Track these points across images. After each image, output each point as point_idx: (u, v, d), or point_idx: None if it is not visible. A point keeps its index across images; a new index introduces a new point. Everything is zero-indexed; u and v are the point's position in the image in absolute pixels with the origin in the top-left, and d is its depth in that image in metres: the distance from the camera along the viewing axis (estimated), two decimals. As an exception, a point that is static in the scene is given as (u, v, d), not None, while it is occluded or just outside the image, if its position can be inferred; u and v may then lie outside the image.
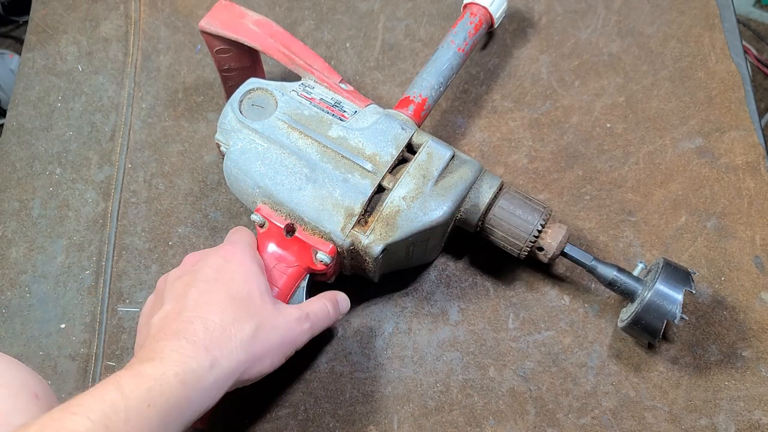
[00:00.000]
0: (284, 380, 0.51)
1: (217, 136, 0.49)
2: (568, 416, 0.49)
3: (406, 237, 0.46)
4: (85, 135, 0.63)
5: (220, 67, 0.56)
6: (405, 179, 0.47)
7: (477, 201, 0.48)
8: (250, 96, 0.50)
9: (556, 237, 0.48)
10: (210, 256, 0.44)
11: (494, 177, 0.50)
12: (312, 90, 0.50)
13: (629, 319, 0.46)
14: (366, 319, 0.53)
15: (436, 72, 0.54)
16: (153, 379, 0.35)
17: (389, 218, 0.46)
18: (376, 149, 0.48)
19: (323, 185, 0.46)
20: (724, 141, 0.58)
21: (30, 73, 0.67)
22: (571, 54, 0.64)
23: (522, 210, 0.48)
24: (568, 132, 0.60)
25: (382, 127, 0.49)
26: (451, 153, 0.48)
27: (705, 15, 0.64)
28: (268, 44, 0.51)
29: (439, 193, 0.47)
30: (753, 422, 0.48)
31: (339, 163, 0.47)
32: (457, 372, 0.51)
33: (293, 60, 0.51)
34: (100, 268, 0.57)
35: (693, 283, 0.45)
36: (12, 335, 0.54)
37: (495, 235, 0.49)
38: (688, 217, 0.55)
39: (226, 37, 0.52)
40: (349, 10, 0.68)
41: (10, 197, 0.60)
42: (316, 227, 0.46)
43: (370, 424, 0.50)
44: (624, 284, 0.48)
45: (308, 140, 0.48)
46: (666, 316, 0.44)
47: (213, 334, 0.39)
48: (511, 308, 0.53)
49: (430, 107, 0.53)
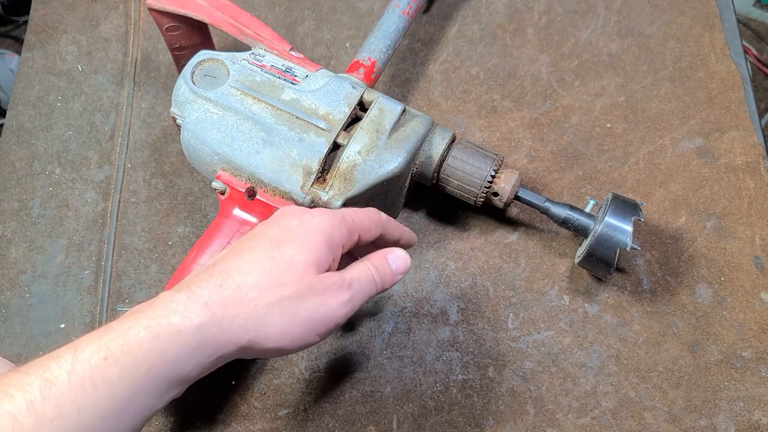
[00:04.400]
0: (284, 380, 0.51)
1: (171, 109, 0.50)
2: (567, 416, 0.49)
3: (365, 190, 0.47)
4: (85, 135, 0.63)
5: (171, 46, 0.57)
6: (359, 134, 0.48)
7: (431, 153, 0.50)
8: (202, 67, 0.51)
9: (509, 181, 0.50)
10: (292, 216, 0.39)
11: (446, 130, 0.51)
12: (263, 58, 0.51)
13: (584, 253, 0.49)
14: (366, 319, 0.53)
15: (383, 35, 0.55)
16: (117, 332, 0.31)
17: (346, 173, 0.47)
18: (329, 108, 0.49)
19: (280, 147, 0.47)
20: (724, 141, 0.58)
21: (30, 72, 0.67)
22: (571, 54, 0.64)
23: (475, 159, 0.50)
24: (568, 132, 0.60)
25: (333, 87, 0.50)
26: (402, 107, 0.49)
27: (705, 15, 0.64)
28: (216, 16, 0.52)
29: (393, 145, 0.48)
30: (753, 422, 0.48)
31: (294, 124, 0.48)
32: (456, 372, 0.51)
33: (242, 30, 0.52)
34: (100, 267, 0.57)
35: (641, 212, 0.48)
36: (12, 335, 0.54)
37: (451, 185, 0.51)
38: (688, 217, 0.55)
39: (175, 12, 0.52)
40: (349, 10, 0.68)
41: (10, 197, 0.60)
42: (276, 188, 0.47)
43: (370, 423, 0.50)
44: (577, 221, 0.50)
45: (262, 104, 0.49)
46: (618, 245, 0.47)
47: (225, 292, 0.34)
48: (511, 308, 0.53)
49: (379, 69, 0.55)
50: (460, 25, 0.66)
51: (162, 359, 0.32)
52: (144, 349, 0.31)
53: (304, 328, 0.36)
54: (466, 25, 0.66)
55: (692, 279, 0.53)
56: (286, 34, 0.67)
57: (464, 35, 0.66)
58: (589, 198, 0.52)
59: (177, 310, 0.33)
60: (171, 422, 0.50)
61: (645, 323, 0.52)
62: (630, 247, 0.47)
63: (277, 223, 0.38)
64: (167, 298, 0.34)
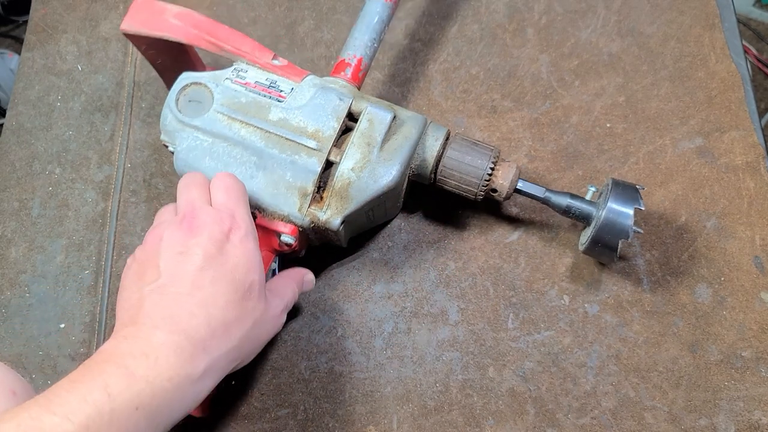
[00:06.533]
0: (284, 380, 0.51)
1: (161, 137, 0.50)
2: (567, 416, 0.49)
3: (361, 206, 0.47)
4: (85, 135, 0.63)
5: (154, 64, 0.56)
6: (350, 150, 0.47)
7: (425, 155, 0.50)
8: (185, 92, 0.50)
9: (507, 175, 0.50)
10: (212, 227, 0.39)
11: (439, 128, 0.51)
12: (245, 74, 0.50)
13: (588, 241, 0.49)
14: (365, 319, 0.53)
15: (366, 28, 0.53)
16: (145, 382, 0.33)
17: (342, 191, 0.47)
18: (317, 125, 0.48)
19: (273, 170, 0.47)
20: (724, 141, 0.58)
21: (30, 72, 0.67)
22: (571, 54, 0.64)
23: (471, 156, 0.49)
24: (568, 132, 0.60)
25: (320, 101, 0.49)
26: (392, 115, 0.48)
27: (705, 15, 0.64)
28: (192, 35, 0.51)
29: (386, 158, 0.47)
30: (753, 422, 0.48)
31: (284, 146, 0.47)
32: (456, 372, 0.51)
33: (221, 47, 0.51)
34: (100, 267, 0.57)
35: (641, 199, 0.48)
36: (11, 335, 0.54)
37: (449, 185, 0.51)
38: (688, 217, 0.55)
39: (149, 36, 0.51)
40: (349, 10, 0.68)
41: (10, 197, 0.60)
42: (274, 211, 0.47)
43: (370, 424, 0.50)
44: (578, 209, 0.50)
45: (250, 128, 0.48)
46: (621, 232, 0.47)
47: (215, 333, 0.36)
48: (511, 308, 0.53)
49: (367, 66, 0.53)
50: (460, 25, 0.66)
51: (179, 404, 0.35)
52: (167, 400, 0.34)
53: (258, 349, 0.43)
54: (466, 25, 0.66)
55: (692, 279, 0.53)
56: (286, 34, 0.67)
57: (464, 35, 0.65)
58: (589, 185, 0.52)
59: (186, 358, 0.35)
60: (171, 422, 0.50)
61: (645, 323, 0.52)
62: (634, 231, 0.47)
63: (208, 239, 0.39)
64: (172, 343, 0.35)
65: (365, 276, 0.55)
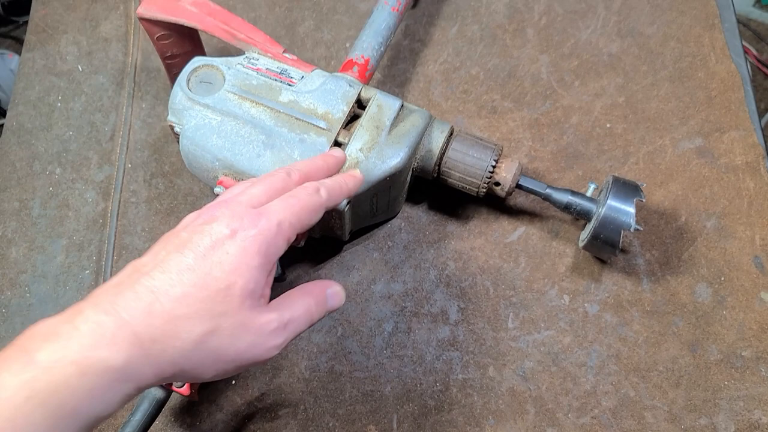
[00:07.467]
0: (284, 380, 0.51)
1: (169, 117, 0.50)
2: (567, 416, 0.49)
3: (369, 187, 0.47)
4: (85, 135, 0.63)
5: (163, 55, 0.56)
6: (359, 132, 0.48)
7: (431, 147, 0.51)
8: (197, 73, 0.50)
9: (510, 170, 0.51)
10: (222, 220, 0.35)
11: (444, 123, 0.52)
12: (257, 61, 0.51)
13: (588, 237, 0.49)
14: (366, 319, 0.53)
15: (374, 33, 0.56)
16: (42, 368, 0.29)
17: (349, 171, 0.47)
18: (327, 108, 0.49)
19: (281, 149, 0.47)
20: (723, 141, 0.58)
21: (30, 73, 0.67)
22: (571, 54, 0.64)
23: (474, 150, 0.50)
24: (568, 132, 0.60)
25: (330, 86, 0.50)
26: (400, 103, 0.50)
27: (705, 15, 0.64)
28: (208, 22, 0.52)
29: (394, 141, 0.48)
30: (753, 422, 0.48)
31: (293, 126, 0.48)
32: (456, 371, 0.51)
33: (234, 35, 0.52)
34: (100, 267, 0.57)
35: (642, 193, 0.48)
36: (12, 335, 0.54)
37: (452, 177, 0.51)
38: (688, 217, 0.55)
39: (165, 20, 0.52)
40: (349, 10, 0.68)
41: (10, 197, 0.60)
42: None
43: (370, 423, 0.50)
44: (579, 205, 0.50)
45: (260, 108, 0.49)
46: (622, 227, 0.47)
47: (154, 322, 0.31)
48: (511, 308, 0.53)
49: (373, 67, 0.55)
50: (460, 25, 0.66)
51: (89, 397, 0.29)
52: (71, 389, 0.29)
53: (228, 366, 0.35)
54: (466, 25, 0.66)
55: (692, 279, 0.53)
56: (286, 34, 0.67)
57: (464, 35, 0.66)
58: (589, 182, 0.52)
59: (105, 339, 0.30)
60: (171, 422, 0.50)
61: (645, 323, 0.52)
62: (633, 228, 0.47)
63: (208, 231, 0.35)
64: (94, 321, 0.30)
65: (365, 276, 0.55)
